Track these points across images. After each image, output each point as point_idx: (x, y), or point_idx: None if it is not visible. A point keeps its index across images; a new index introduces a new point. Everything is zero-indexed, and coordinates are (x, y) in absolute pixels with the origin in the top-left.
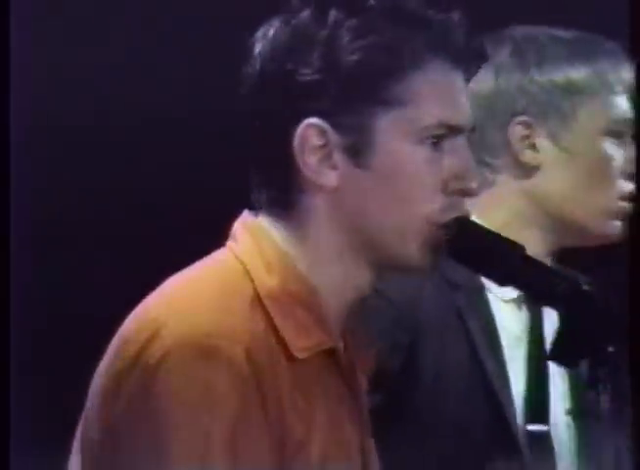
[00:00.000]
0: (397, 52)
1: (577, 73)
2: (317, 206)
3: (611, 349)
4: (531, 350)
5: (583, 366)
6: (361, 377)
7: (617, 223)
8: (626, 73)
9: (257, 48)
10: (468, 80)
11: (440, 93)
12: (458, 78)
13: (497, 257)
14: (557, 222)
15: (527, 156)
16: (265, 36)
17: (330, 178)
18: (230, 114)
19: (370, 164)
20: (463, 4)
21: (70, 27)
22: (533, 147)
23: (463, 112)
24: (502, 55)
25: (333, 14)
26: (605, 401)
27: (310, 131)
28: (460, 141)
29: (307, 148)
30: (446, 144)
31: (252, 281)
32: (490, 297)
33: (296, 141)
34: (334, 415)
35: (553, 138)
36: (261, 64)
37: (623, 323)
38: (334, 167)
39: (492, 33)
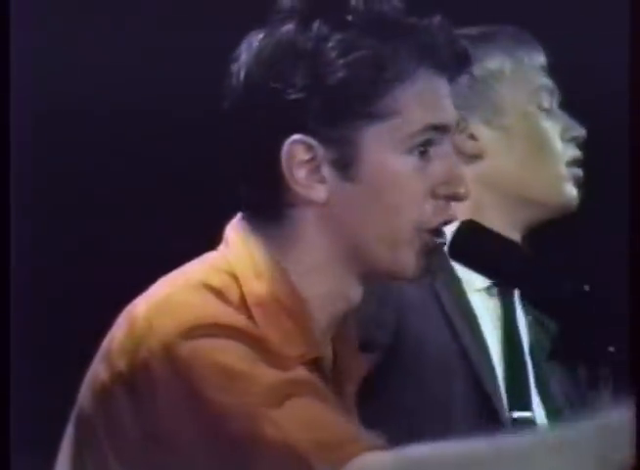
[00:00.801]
0: (382, 66)
1: (492, 62)
2: (306, 219)
3: (611, 349)
4: (507, 337)
5: (583, 366)
6: (349, 386)
7: (572, 188)
8: (536, 54)
9: (241, 61)
10: (452, 80)
11: (425, 100)
12: (442, 84)
13: (499, 258)
14: (516, 202)
15: (468, 146)
16: (248, 49)
17: (319, 192)
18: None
19: (358, 177)
20: (455, 5)
21: (70, 26)
22: (472, 137)
23: (448, 112)
24: None
25: (317, 28)
26: (605, 401)
27: (297, 147)
28: (446, 147)
29: (295, 163)
30: (433, 151)
31: (240, 287)
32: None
33: (283, 157)
34: None
35: (487, 123)
36: (245, 79)
37: (623, 323)
38: (322, 181)
39: None
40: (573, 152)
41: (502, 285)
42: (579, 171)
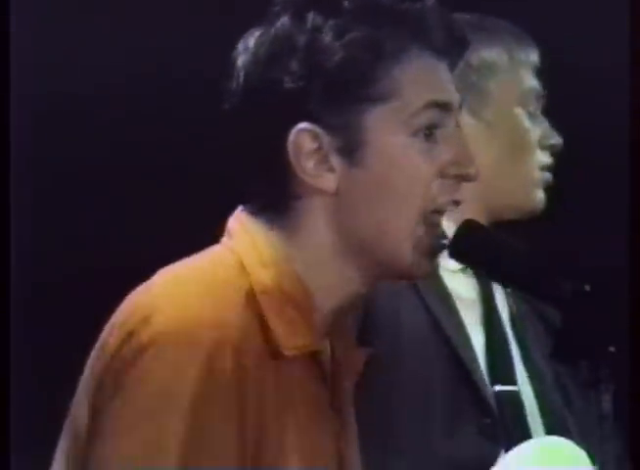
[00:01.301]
0: (379, 47)
1: (489, 53)
2: (315, 209)
3: (611, 349)
4: (486, 314)
5: (584, 366)
6: (346, 382)
7: (540, 193)
8: (531, 52)
9: (239, 62)
10: (452, 66)
11: (424, 79)
12: (440, 65)
13: (500, 256)
14: (487, 196)
15: None
16: (246, 49)
17: (329, 181)
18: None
19: (365, 162)
20: (455, 3)
21: (70, 26)
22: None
23: (449, 90)
24: None
25: (311, 17)
26: (606, 401)
27: (303, 136)
28: (453, 128)
29: (303, 153)
30: (439, 133)
31: (249, 275)
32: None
33: (290, 148)
34: (309, 419)
35: (473, 113)
36: (245, 77)
37: (624, 323)
38: (331, 170)
39: None
40: (547, 159)
41: (505, 285)
42: (549, 176)
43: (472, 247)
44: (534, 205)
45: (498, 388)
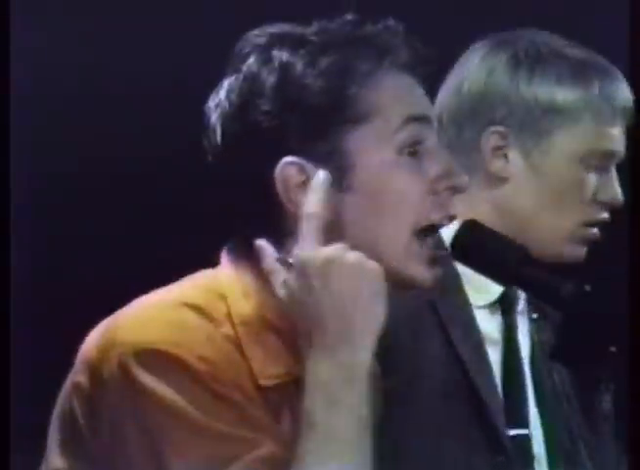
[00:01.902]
0: (352, 70)
1: (564, 96)
2: None
3: (612, 349)
4: (507, 354)
5: (584, 366)
6: None
7: (580, 248)
8: (622, 103)
9: (215, 114)
10: (421, 82)
11: (399, 95)
12: (414, 83)
13: (502, 258)
14: (516, 237)
15: (496, 166)
16: (218, 101)
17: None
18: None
19: (354, 187)
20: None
21: (70, 26)
22: (505, 158)
23: (424, 103)
24: (498, 58)
25: (277, 54)
26: (606, 401)
27: (288, 171)
28: (434, 142)
29: (291, 187)
30: (422, 149)
31: (228, 306)
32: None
33: (277, 184)
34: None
35: (525, 154)
36: (222, 126)
37: (624, 323)
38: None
39: (500, 32)
40: (601, 214)
41: (506, 286)
42: (596, 232)
43: (473, 248)
44: (567, 259)
45: (512, 432)
